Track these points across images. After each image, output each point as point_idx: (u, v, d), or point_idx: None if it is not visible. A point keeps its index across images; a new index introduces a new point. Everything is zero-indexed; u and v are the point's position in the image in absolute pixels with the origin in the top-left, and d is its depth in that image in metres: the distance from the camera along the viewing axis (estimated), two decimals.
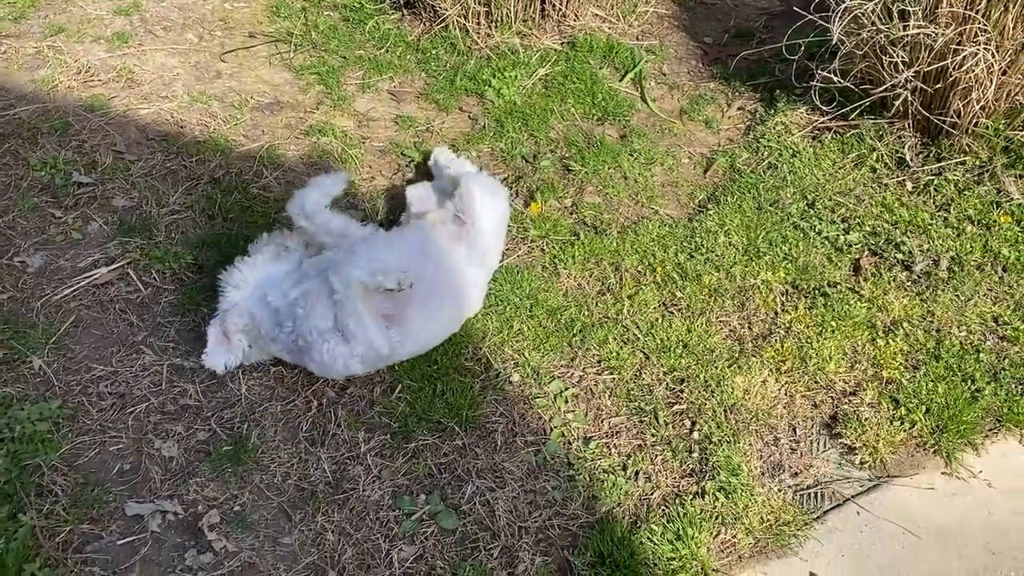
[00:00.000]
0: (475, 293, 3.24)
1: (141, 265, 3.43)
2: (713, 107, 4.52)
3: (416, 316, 3.02)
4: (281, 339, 2.98)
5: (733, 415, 3.05)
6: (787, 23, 5.01)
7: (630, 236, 3.69)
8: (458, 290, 3.14)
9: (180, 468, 2.84)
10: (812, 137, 4.19)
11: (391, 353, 2.99)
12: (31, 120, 3.97)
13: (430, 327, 3.12)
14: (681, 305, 3.41)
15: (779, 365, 3.20)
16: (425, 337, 3.12)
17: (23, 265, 3.38)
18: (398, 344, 2.98)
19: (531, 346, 3.24)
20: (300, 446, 2.92)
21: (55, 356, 3.09)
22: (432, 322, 3.11)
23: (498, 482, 2.85)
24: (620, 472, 2.89)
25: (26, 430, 2.80)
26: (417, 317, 3.03)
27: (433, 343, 3.18)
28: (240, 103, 4.27)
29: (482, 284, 3.28)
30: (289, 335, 2.95)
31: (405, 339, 3.01)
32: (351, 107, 4.34)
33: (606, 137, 4.26)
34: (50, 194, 3.67)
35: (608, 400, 3.10)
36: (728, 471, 2.87)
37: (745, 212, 3.80)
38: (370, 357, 2.95)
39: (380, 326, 2.93)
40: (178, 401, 3.02)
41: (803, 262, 3.57)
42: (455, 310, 3.18)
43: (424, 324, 3.07)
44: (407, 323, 3.00)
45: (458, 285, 3.13)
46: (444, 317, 3.16)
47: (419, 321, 3.04)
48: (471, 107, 4.43)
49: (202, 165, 3.90)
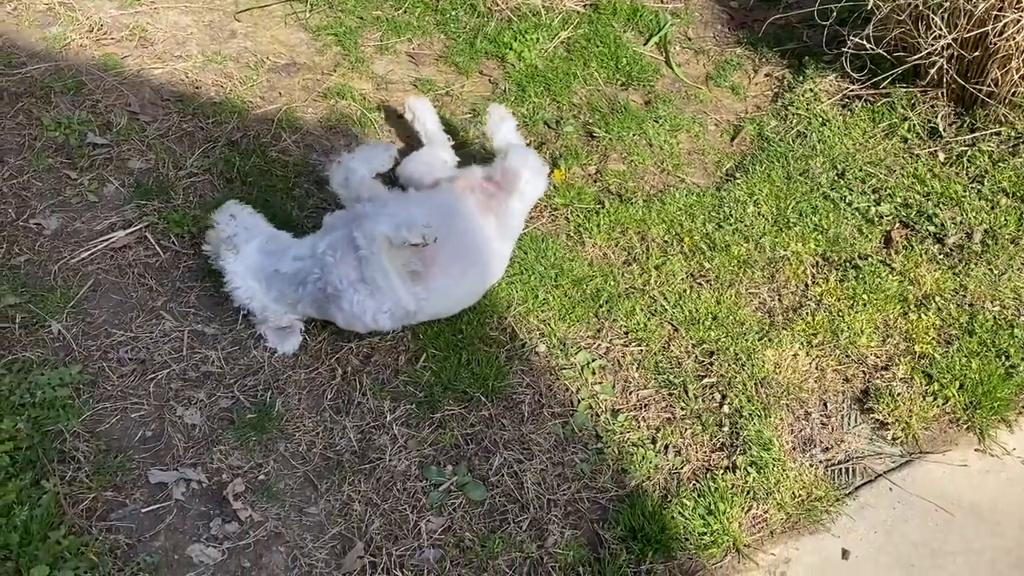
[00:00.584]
0: (499, 265, 3.19)
1: (159, 229, 3.36)
2: (740, 73, 4.42)
3: (441, 276, 2.97)
4: (307, 292, 2.92)
5: (764, 389, 3.00)
6: None
7: (656, 205, 3.61)
8: (484, 259, 3.08)
9: (203, 436, 2.79)
10: (842, 105, 4.09)
11: (416, 310, 2.93)
12: (43, 79, 3.88)
13: (454, 290, 3.07)
14: (709, 276, 3.35)
15: (810, 338, 3.15)
16: (449, 299, 3.08)
17: (39, 227, 3.32)
18: (423, 301, 2.94)
19: (557, 316, 3.18)
20: (325, 415, 2.88)
21: (74, 321, 3.04)
22: (456, 286, 3.06)
23: (526, 454, 2.81)
24: (649, 445, 2.85)
25: (47, 395, 2.76)
26: (442, 277, 2.98)
27: (456, 308, 3.13)
28: (256, 64, 4.17)
29: (506, 258, 3.22)
30: (316, 283, 2.89)
31: (430, 297, 2.96)
32: (369, 69, 4.24)
33: (630, 103, 4.17)
34: (64, 155, 3.59)
35: (636, 372, 3.05)
36: (759, 445, 2.82)
37: (774, 181, 3.72)
38: (398, 313, 2.90)
39: (407, 282, 2.89)
40: (200, 368, 2.96)
41: (833, 234, 3.50)
42: (479, 278, 3.13)
43: (448, 286, 3.02)
44: (432, 282, 2.96)
45: (485, 255, 3.07)
46: (467, 283, 3.10)
47: (443, 281, 2.99)
48: (491, 70, 4.33)
49: (219, 127, 3.81)
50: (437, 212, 3.00)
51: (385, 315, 2.88)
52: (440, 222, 2.92)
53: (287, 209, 3.51)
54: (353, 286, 2.85)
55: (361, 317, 2.88)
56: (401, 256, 2.87)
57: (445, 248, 2.91)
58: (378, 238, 2.79)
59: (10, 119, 3.68)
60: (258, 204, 3.45)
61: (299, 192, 3.58)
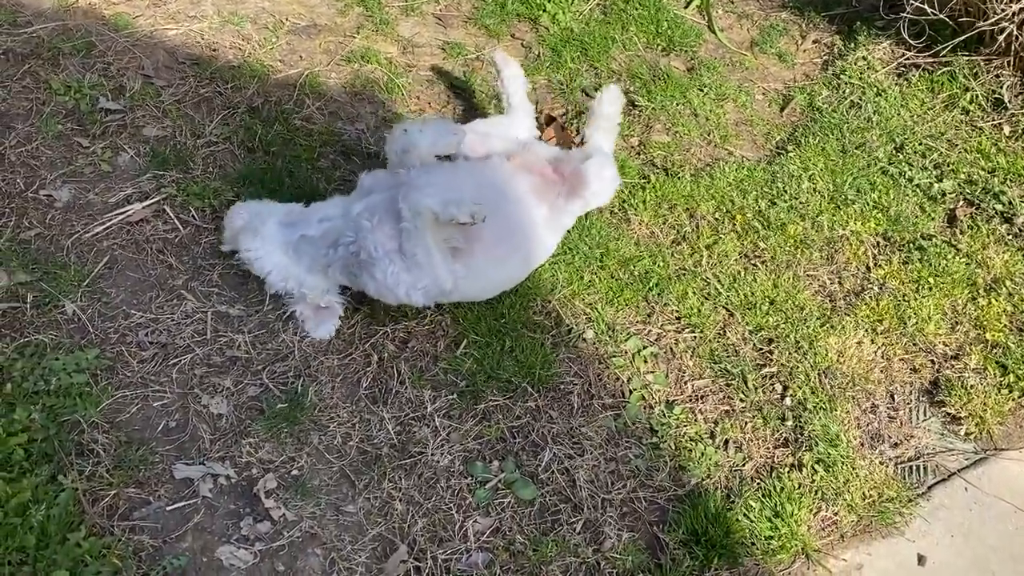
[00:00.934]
0: (542, 254, 2.97)
1: (178, 201, 3.14)
2: (786, 39, 4.17)
3: (482, 256, 2.76)
4: (338, 256, 2.71)
5: (827, 379, 2.81)
6: None
7: (705, 180, 3.39)
8: (529, 245, 2.87)
9: (231, 427, 2.60)
10: (897, 74, 3.85)
11: (452, 289, 2.72)
12: (51, 40, 3.64)
13: (494, 273, 2.86)
14: (765, 257, 3.14)
15: (875, 325, 2.94)
16: (487, 281, 2.87)
17: (50, 199, 3.10)
18: (462, 280, 2.72)
19: (604, 300, 2.98)
20: (361, 404, 2.68)
21: (89, 301, 2.83)
22: (497, 268, 2.85)
23: (576, 449, 2.62)
24: (708, 440, 2.66)
25: (62, 382, 2.56)
26: (483, 257, 2.76)
27: (493, 291, 2.92)
28: (275, 25, 3.93)
29: (551, 249, 3.00)
30: (350, 246, 2.68)
31: (469, 276, 2.74)
32: (394, 32, 4.00)
33: (672, 69, 3.93)
34: (75, 121, 3.36)
35: (690, 360, 2.85)
36: (826, 441, 2.63)
37: (829, 155, 3.50)
38: (433, 290, 2.69)
39: (447, 259, 2.68)
40: (225, 352, 2.77)
41: (895, 212, 3.28)
42: (521, 264, 2.92)
43: (489, 267, 2.81)
44: (473, 260, 2.74)
45: (531, 241, 2.86)
46: (509, 267, 2.89)
47: (485, 262, 2.78)
48: (524, 34, 4.09)
49: (238, 92, 3.58)
50: (488, 189, 2.78)
51: (419, 292, 2.67)
52: (489, 200, 2.70)
53: (312, 181, 3.30)
54: (389, 256, 2.64)
55: (394, 289, 2.67)
56: (444, 231, 2.65)
57: (491, 228, 2.70)
58: (424, 212, 2.57)
59: (16, 82, 3.45)
60: (283, 176, 3.25)
61: (325, 163, 3.36)
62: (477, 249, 2.74)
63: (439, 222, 2.58)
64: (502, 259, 2.84)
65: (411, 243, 2.61)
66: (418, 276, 2.64)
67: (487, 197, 2.70)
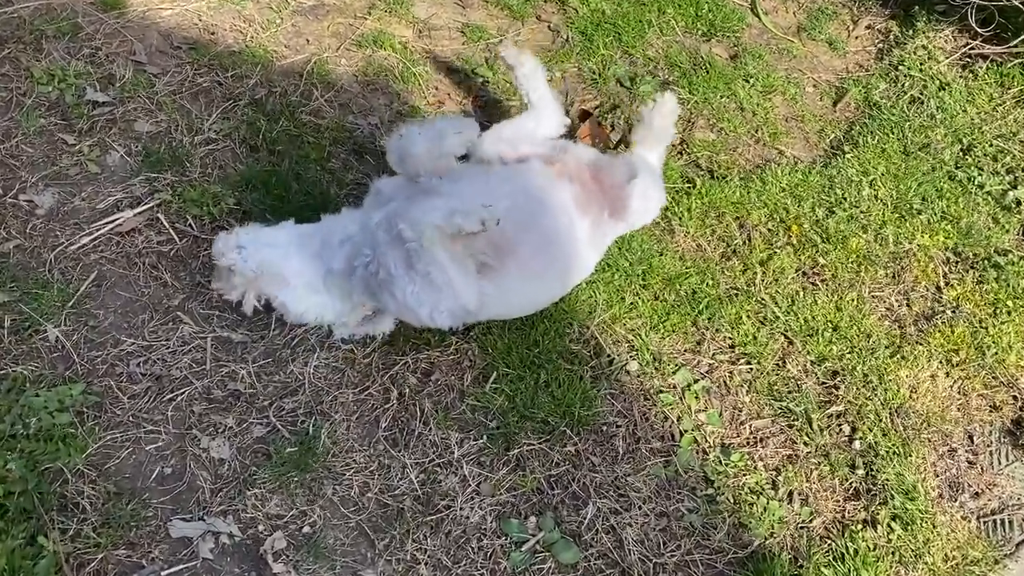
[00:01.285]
0: (581, 272, 2.67)
1: (173, 208, 2.83)
2: (836, 24, 3.83)
3: (516, 271, 2.46)
4: (357, 278, 2.41)
5: (900, 419, 2.52)
6: None
7: (755, 184, 3.08)
8: (568, 261, 2.56)
9: (234, 474, 2.31)
10: (962, 66, 3.53)
11: (480, 308, 2.42)
12: (33, 20, 3.30)
13: (528, 290, 2.56)
14: (825, 275, 2.83)
15: (950, 356, 2.65)
16: (520, 299, 2.57)
17: (31, 205, 2.79)
18: (491, 298, 2.41)
19: (648, 325, 2.68)
20: (379, 448, 2.39)
21: (74, 325, 2.53)
22: (531, 286, 2.55)
23: (623, 502, 2.33)
24: (770, 492, 2.37)
25: (43, 423, 2.27)
26: (517, 273, 2.46)
27: (525, 310, 2.62)
28: (279, 5, 3.59)
29: (590, 267, 2.70)
30: (368, 266, 2.37)
31: (499, 294, 2.43)
32: (409, 12, 3.66)
33: (715, 57, 3.60)
34: (59, 114, 3.04)
35: (747, 396, 2.55)
36: (902, 493, 2.35)
37: (890, 157, 3.18)
38: (458, 312, 2.38)
39: (470, 276, 2.36)
40: (227, 385, 2.47)
41: (965, 223, 2.98)
42: (557, 281, 2.61)
43: (522, 284, 2.51)
44: (504, 276, 2.43)
45: (570, 256, 2.55)
46: (545, 285, 2.59)
47: (518, 278, 2.47)
48: (550, 15, 3.75)
49: (240, 82, 3.25)
50: (523, 196, 2.47)
51: (443, 313, 2.36)
52: (524, 208, 2.39)
53: (322, 184, 2.99)
54: (408, 274, 2.32)
55: (416, 310, 2.36)
56: (466, 245, 2.33)
57: (526, 240, 2.40)
58: (426, 230, 2.25)
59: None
60: (290, 179, 2.93)
61: (336, 164, 3.04)
62: (510, 264, 2.43)
63: (451, 236, 2.25)
64: (539, 274, 2.54)
65: (422, 263, 2.29)
66: (438, 297, 2.33)
67: (522, 205, 2.39)
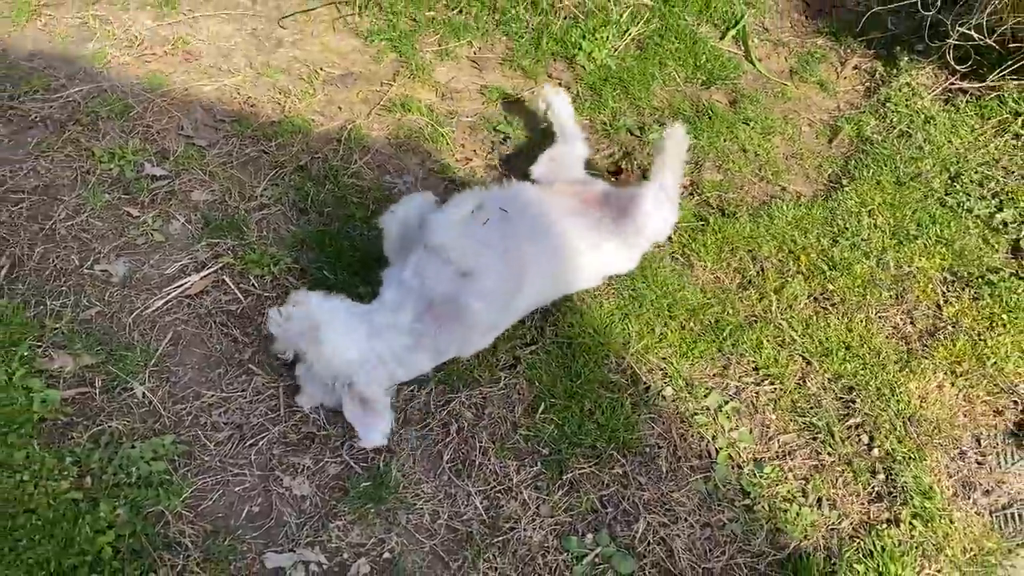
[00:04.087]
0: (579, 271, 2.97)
1: (236, 270, 3.08)
2: (825, 66, 4.14)
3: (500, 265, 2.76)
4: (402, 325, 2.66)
5: (913, 427, 2.76)
6: None
7: (763, 219, 3.35)
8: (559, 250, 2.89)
9: (316, 509, 2.54)
10: (944, 100, 3.82)
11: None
12: (87, 103, 3.58)
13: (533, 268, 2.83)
14: (834, 299, 3.10)
15: (953, 367, 2.91)
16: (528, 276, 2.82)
17: (106, 274, 3.04)
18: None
19: (678, 353, 2.93)
20: (444, 478, 2.63)
21: (158, 381, 2.77)
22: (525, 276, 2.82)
23: (670, 516, 2.57)
24: (801, 499, 2.61)
25: (142, 472, 2.50)
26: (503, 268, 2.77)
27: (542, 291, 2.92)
28: (310, 76, 3.88)
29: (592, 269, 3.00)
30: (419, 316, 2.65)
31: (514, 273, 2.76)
32: (430, 77, 3.95)
33: (715, 104, 3.89)
34: (122, 189, 3.30)
35: (773, 414, 2.80)
36: (920, 494, 2.59)
37: (885, 188, 3.46)
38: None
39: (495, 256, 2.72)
40: (301, 429, 2.71)
41: (958, 246, 3.25)
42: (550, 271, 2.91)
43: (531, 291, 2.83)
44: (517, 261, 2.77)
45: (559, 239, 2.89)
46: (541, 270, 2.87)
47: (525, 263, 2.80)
48: (561, 73, 4.04)
49: (283, 150, 3.53)
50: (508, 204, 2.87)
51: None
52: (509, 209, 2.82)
53: (367, 241, 3.24)
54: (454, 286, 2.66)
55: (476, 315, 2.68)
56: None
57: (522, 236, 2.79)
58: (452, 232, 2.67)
59: (59, 151, 3.40)
60: (340, 238, 3.19)
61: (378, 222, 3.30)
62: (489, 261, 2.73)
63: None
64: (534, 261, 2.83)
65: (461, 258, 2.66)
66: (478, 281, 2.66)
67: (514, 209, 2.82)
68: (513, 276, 2.71)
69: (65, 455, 2.51)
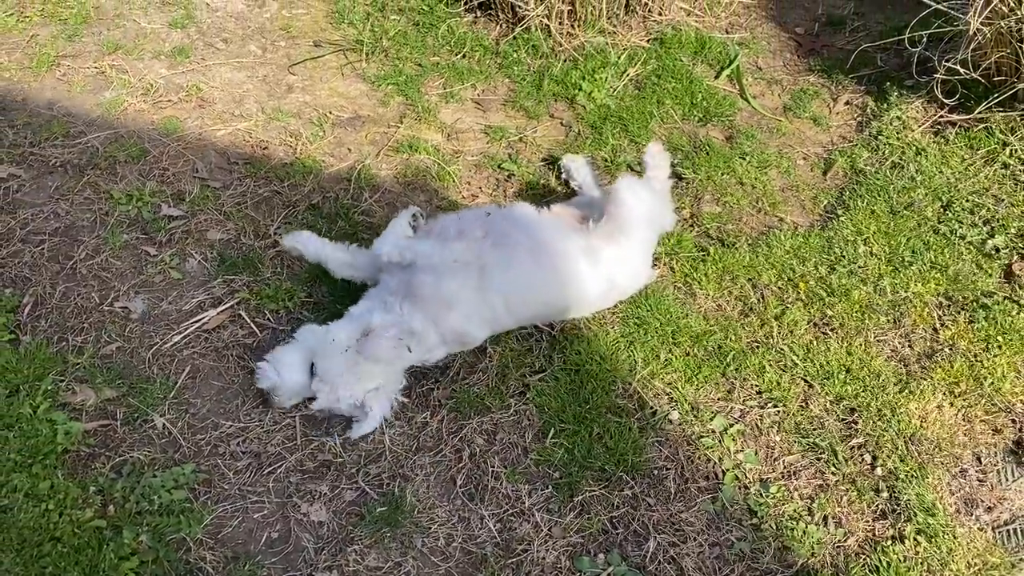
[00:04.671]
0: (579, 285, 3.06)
1: (252, 305, 3.18)
2: (818, 102, 4.27)
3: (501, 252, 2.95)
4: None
5: (914, 446, 2.83)
6: (876, 8, 4.80)
7: (762, 249, 3.45)
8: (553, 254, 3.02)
9: (333, 534, 2.60)
10: (934, 133, 3.95)
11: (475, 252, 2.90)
12: (105, 148, 3.71)
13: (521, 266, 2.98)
14: (834, 324, 3.18)
15: (952, 388, 2.98)
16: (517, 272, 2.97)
17: (125, 311, 3.13)
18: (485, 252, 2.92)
19: (683, 378, 3.01)
20: (457, 502, 2.69)
21: (177, 413, 2.85)
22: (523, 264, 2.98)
23: (679, 536, 2.63)
24: (807, 517, 2.67)
25: (163, 500, 2.57)
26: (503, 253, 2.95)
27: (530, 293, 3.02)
28: (319, 119, 4.01)
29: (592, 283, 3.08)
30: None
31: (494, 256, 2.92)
32: (436, 119, 4.08)
33: (712, 140, 4.02)
34: (140, 229, 3.41)
35: (777, 436, 2.88)
36: (923, 511, 2.65)
37: (879, 217, 3.57)
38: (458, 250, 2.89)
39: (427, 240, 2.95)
40: (317, 457, 2.78)
41: (953, 271, 3.34)
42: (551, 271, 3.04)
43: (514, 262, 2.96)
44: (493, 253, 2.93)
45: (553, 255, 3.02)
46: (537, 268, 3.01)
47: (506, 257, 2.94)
48: (562, 113, 4.18)
49: (295, 190, 3.64)
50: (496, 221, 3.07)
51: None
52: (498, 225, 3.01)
53: None
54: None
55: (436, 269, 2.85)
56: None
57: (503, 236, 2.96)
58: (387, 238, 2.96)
59: (78, 194, 3.52)
60: None
61: None
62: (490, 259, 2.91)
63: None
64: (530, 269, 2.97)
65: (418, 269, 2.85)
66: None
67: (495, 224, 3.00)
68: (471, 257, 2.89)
69: (89, 485, 2.58)
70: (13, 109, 3.81)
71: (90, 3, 4.43)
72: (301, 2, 4.67)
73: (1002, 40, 3.61)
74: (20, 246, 3.26)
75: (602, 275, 3.05)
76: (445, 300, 2.82)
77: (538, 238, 3.03)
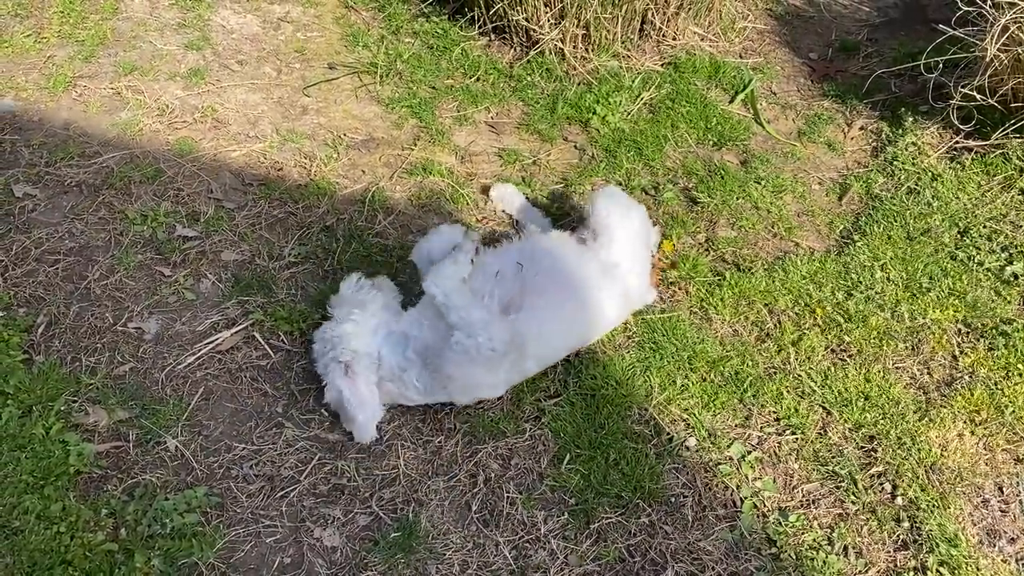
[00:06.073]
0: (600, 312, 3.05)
1: (266, 326, 3.16)
2: (833, 127, 4.27)
3: (535, 301, 2.90)
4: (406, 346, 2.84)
5: (935, 475, 2.79)
6: (889, 35, 4.80)
7: (778, 274, 3.43)
8: (581, 292, 2.98)
9: (346, 560, 2.57)
10: (950, 158, 3.93)
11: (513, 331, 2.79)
12: (120, 168, 3.72)
13: (554, 317, 2.92)
14: (851, 351, 3.15)
15: (972, 416, 2.94)
16: (551, 326, 2.92)
17: (139, 332, 3.12)
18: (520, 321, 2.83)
19: (700, 404, 2.98)
20: (472, 528, 2.66)
21: (190, 435, 2.83)
22: (555, 312, 2.93)
23: (697, 565, 2.59)
24: (827, 547, 2.63)
25: (175, 523, 2.54)
26: (536, 302, 2.89)
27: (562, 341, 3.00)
28: (333, 141, 4.02)
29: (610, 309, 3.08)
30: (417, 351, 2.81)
31: (528, 319, 2.85)
32: (450, 141, 4.09)
33: (727, 164, 4.01)
34: (154, 250, 3.41)
35: (796, 464, 2.84)
36: (946, 541, 2.61)
37: (896, 243, 3.54)
38: (498, 337, 2.73)
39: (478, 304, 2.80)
40: (330, 480, 2.75)
41: (971, 298, 3.31)
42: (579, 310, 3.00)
43: (546, 311, 2.90)
44: (527, 307, 2.88)
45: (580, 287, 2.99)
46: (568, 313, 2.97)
47: (539, 307, 2.89)
48: (576, 136, 4.17)
49: (309, 212, 3.64)
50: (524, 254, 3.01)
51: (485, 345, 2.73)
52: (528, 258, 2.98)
53: None
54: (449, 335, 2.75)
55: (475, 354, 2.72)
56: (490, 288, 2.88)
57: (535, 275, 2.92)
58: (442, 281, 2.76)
59: (93, 214, 3.52)
60: None
61: (404, 279, 3.39)
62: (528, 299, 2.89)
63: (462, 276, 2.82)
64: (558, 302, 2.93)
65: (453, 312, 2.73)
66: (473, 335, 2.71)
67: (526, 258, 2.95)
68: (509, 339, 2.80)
69: (100, 507, 2.56)
70: (29, 129, 3.83)
71: (107, 25, 4.45)
72: (316, 25, 4.69)
73: (1019, 67, 3.60)
74: (35, 265, 3.26)
75: (618, 291, 3.06)
76: (469, 386, 2.82)
77: (567, 279, 3.01)
